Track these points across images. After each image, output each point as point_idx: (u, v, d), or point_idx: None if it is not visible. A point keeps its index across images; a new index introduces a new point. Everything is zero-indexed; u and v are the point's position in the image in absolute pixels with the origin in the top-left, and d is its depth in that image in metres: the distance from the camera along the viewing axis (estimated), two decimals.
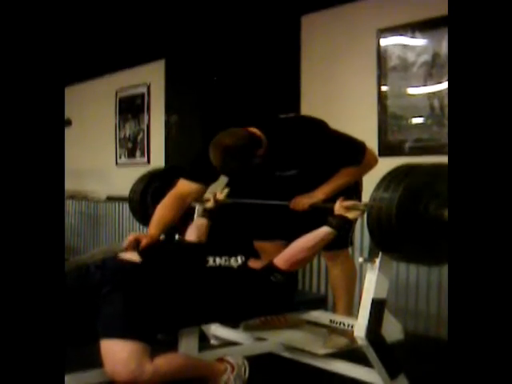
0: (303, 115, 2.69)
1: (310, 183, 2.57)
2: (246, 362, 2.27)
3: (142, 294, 2.07)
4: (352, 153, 2.55)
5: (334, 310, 2.84)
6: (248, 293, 2.27)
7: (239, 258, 2.31)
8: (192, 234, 2.69)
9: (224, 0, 3.94)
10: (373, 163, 2.61)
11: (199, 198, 2.73)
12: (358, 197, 2.64)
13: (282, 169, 2.55)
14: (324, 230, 2.28)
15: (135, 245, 2.35)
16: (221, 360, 2.25)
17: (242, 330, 2.85)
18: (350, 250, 2.89)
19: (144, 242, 2.34)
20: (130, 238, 2.35)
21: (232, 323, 2.89)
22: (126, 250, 2.32)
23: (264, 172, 2.52)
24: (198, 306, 2.18)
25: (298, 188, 2.57)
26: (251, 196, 2.72)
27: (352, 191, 2.60)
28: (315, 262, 3.96)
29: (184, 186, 2.58)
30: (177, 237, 3.05)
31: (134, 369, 1.92)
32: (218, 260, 2.25)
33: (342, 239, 2.56)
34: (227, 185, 2.85)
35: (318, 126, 2.57)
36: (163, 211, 2.53)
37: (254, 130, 2.43)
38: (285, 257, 2.29)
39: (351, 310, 2.75)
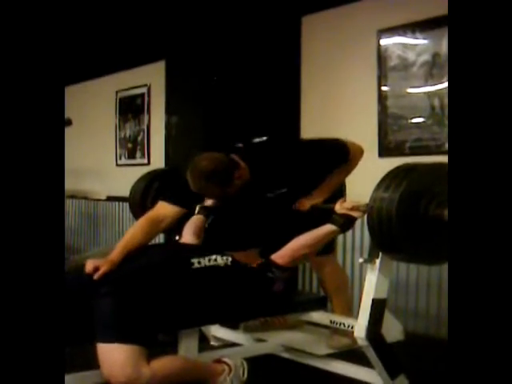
0: (277, 136, 2.74)
1: (303, 195, 2.59)
2: (244, 363, 2.26)
3: (136, 298, 2.06)
4: (337, 155, 2.55)
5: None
6: (241, 291, 2.25)
7: (225, 257, 2.27)
8: (188, 230, 2.66)
9: (224, 1, 3.94)
10: (359, 155, 2.59)
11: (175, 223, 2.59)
12: (343, 196, 2.66)
13: (271, 190, 2.54)
14: (328, 228, 2.27)
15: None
16: (218, 361, 2.24)
17: (241, 331, 2.85)
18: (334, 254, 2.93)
19: (102, 270, 2.10)
20: (90, 266, 2.12)
21: (228, 323, 2.89)
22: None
23: (253, 195, 2.52)
24: (188, 309, 2.16)
25: (291, 202, 2.58)
26: (245, 215, 2.72)
27: (337, 192, 2.62)
28: None
29: (163, 208, 2.46)
30: (177, 237, 3.05)
31: (130, 373, 1.91)
32: (202, 261, 2.21)
33: (328, 244, 2.54)
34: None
35: (295, 143, 2.66)
36: (133, 235, 2.35)
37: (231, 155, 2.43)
38: (285, 252, 2.27)
39: (349, 312, 2.75)
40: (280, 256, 2.27)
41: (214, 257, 2.23)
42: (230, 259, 2.27)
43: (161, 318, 2.10)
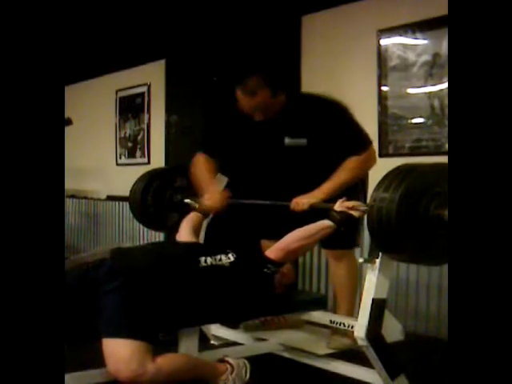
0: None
1: (315, 160, 2.60)
2: (247, 363, 2.26)
3: (143, 294, 2.07)
4: (358, 138, 2.58)
5: (335, 310, 2.84)
6: (243, 291, 2.25)
7: (230, 255, 2.27)
8: (186, 228, 2.65)
9: (224, 1, 3.94)
10: (373, 160, 2.62)
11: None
12: (364, 198, 2.62)
13: (292, 134, 2.61)
14: (323, 223, 2.26)
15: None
16: (221, 360, 2.24)
17: (242, 331, 2.85)
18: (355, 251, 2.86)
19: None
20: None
21: (230, 323, 2.89)
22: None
23: (274, 136, 2.61)
24: (193, 307, 2.17)
25: (303, 163, 2.62)
26: (258, 167, 2.79)
27: (358, 193, 2.60)
28: (315, 261, 3.96)
29: (204, 159, 2.75)
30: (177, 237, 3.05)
31: (135, 368, 1.91)
32: (208, 260, 2.22)
33: (349, 239, 2.54)
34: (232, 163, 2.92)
35: (337, 105, 2.67)
36: (206, 173, 2.72)
37: None
38: (278, 246, 2.27)
39: (353, 311, 2.74)
40: (272, 251, 2.26)
41: (218, 256, 2.24)
42: (234, 256, 2.27)
43: (167, 314, 2.10)
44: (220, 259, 2.24)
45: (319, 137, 2.57)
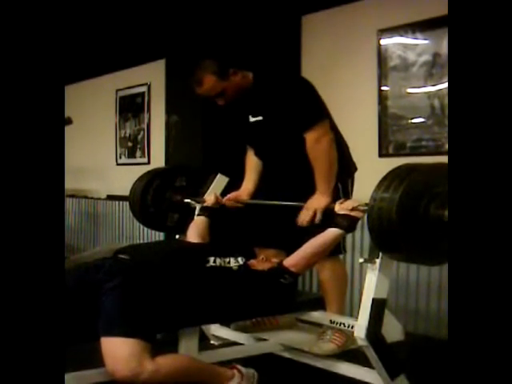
0: (300, 76, 2.82)
1: (273, 137, 2.65)
2: (255, 374, 2.23)
3: (142, 293, 2.06)
4: (306, 112, 2.59)
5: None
6: (250, 294, 2.26)
7: (240, 259, 2.31)
8: (193, 233, 2.68)
9: (224, 0, 3.94)
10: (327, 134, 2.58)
11: None
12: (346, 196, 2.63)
13: (253, 113, 2.67)
14: (334, 232, 2.30)
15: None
16: (230, 366, 2.19)
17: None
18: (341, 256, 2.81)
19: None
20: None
21: (229, 323, 2.89)
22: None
23: (241, 116, 2.71)
24: (197, 306, 2.17)
25: (265, 141, 2.70)
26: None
27: (344, 192, 2.61)
28: None
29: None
30: (177, 236, 3.05)
31: (134, 367, 1.90)
32: (218, 260, 2.25)
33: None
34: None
35: (292, 80, 2.73)
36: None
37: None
38: (297, 260, 2.32)
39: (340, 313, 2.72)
40: (294, 264, 2.31)
41: (227, 259, 2.28)
42: (243, 260, 2.32)
43: (168, 313, 2.10)
44: (229, 262, 2.26)
45: (273, 112, 2.61)
